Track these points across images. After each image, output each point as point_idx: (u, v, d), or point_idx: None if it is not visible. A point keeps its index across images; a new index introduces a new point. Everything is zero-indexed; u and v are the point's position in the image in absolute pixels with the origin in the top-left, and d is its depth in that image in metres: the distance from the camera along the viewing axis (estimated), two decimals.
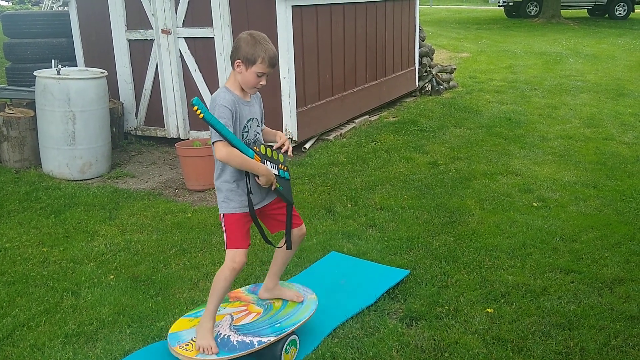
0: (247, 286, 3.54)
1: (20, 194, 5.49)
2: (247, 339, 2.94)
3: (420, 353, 3.07)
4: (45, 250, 4.38)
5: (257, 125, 3.03)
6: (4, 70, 8.83)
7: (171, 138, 7.04)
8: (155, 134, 7.19)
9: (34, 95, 6.18)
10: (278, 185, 3.01)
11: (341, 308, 3.49)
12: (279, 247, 3.24)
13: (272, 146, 3.10)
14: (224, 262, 2.96)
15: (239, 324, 3.09)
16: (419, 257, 4.14)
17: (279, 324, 3.07)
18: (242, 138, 2.91)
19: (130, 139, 7.34)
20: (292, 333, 3.04)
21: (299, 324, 3.08)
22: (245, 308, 3.26)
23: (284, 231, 3.15)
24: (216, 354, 2.86)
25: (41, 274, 4.00)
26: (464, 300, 3.57)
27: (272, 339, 2.94)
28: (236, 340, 2.94)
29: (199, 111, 2.71)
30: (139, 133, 7.30)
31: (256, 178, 2.93)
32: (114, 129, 6.84)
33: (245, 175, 2.93)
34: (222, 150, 2.79)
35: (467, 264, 4.03)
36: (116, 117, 6.95)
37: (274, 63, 2.88)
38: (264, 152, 2.98)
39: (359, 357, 3.04)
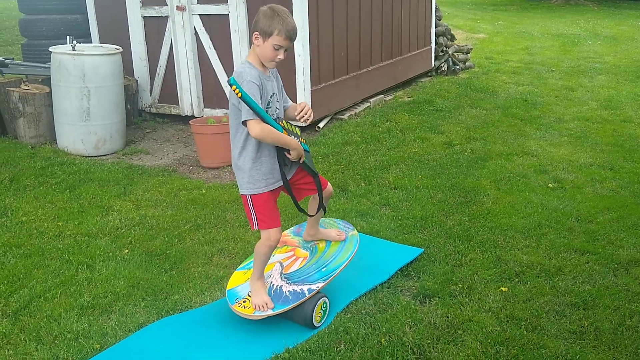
0: (292, 228, 3.75)
1: (36, 169, 5.52)
2: (298, 288, 3.12)
3: (433, 330, 3.07)
4: (60, 224, 4.41)
5: (277, 101, 3.05)
6: (19, 46, 8.86)
7: (185, 116, 7.05)
8: (169, 111, 7.20)
9: (49, 72, 6.19)
10: (304, 159, 3.07)
11: (354, 284, 3.49)
12: (311, 216, 3.38)
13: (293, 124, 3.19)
14: (260, 239, 3.08)
15: (288, 271, 3.29)
16: (432, 236, 4.13)
17: (325, 268, 3.27)
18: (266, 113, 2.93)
19: (145, 116, 7.35)
20: (328, 284, 3.21)
21: (343, 266, 3.29)
22: (292, 253, 3.45)
23: (309, 196, 3.31)
24: (272, 308, 3.03)
25: (57, 247, 4.04)
26: (478, 278, 3.56)
27: (320, 285, 3.13)
28: (288, 291, 3.12)
29: (237, 90, 2.72)
30: (154, 110, 7.31)
31: (286, 153, 2.97)
32: (129, 106, 6.85)
33: (275, 150, 2.97)
34: (256, 128, 2.81)
35: (481, 243, 4.01)
36: (131, 94, 6.96)
37: (291, 36, 2.86)
38: (286, 127, 3.03)
39: (371, 333, 3.04)
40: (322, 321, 3.15)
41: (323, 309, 3.15)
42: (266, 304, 3.03)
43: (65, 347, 2.98)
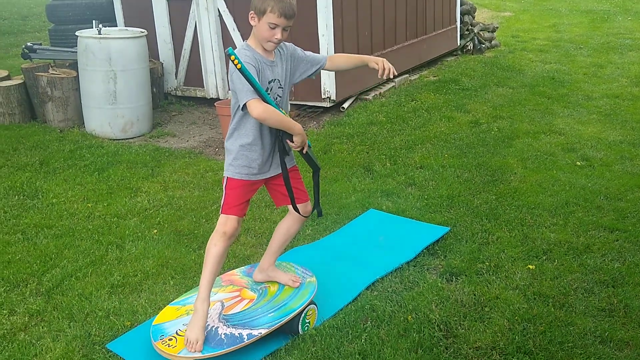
0: (243, 267, 3.39)
1: (65, 152, 5.61)
2: (237, 332, 2.77)
3: (460, 307, 3.07)
4: (90, 205, 4.49)
5: (279, 87, 2.79)
6: (47, 32, 8.96)
7: (210, 98, 7.08)
8: (194, 94, 7.23)
9: (76, 56, 6.26)
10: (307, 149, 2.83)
11: (380, 263, 3.50)
12: (302, 215, 3.00)
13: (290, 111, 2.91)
14: (214, 230, 2.83)
15: (229, 312, 2.92)
16: (459, 215, 4.11)
17: (273, 313, 2.88)
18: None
19: (171, 99, 7.40)
20: (290, 319, 2.88)
21: (293, 314, 2.88)
22: (237, 294, 3.08)
23: (288, 205, 2.98)
24: (199, 351, 2.69)
25: (87, 228, 4.11)
26: (505, 257, 3.54)
27: (264, 331, 2.78)
28: (224, 334, 2.77)
29: (236, 61, 2.53)
30: (179, 93, 7.35)
31: (287, 141, 2.74)
32: (154, 89, 6.90)
33: (273, 135, 2.77)
34: (258, 107, 2.58)
35: (508, 221, 3.98)
36: (156, 77, 7.00)
37: (286, 13, 2.62)
38: (283, 112, 2.77)
39: (398, 310, 3.05)
40: (309, 329, 2.94)
41: (306, 324, 2.94)
42: (197, 342, 2.69)
43: (96, 324, 3.05)
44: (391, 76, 2.93)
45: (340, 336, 2.88)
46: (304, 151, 2.83)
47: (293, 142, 2.75)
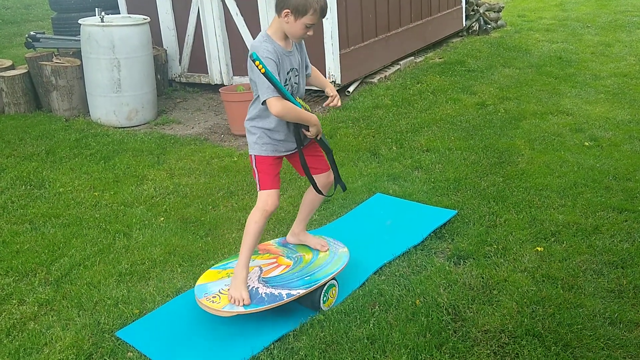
0: (278, 239, 3.51)
1: (71, 141, 5.61)
2: (276, 292, 2.90)
3: (468, 290, 3.06)
4: (96, 194, 4.49)
5: (296, 75, 2.93)
6: (50, 21, 8.94)
7: (215, 84, 7.05)
8: (199, 80, 7.21)
9: (79, 44, 6.24)
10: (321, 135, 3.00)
11: (387, 247, 3.49)
12: (329, 196, 3.26)
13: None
14: (254, 207, 2.95)
15: (267, 276, 3.05)
16: (466, 198, 4.09)
17: (308, 277, 3.01)
18: None
19: (175, 86, 7.38)
20: (325, 283, 2.99)
21: (329, 277, 3.00)
22: (274, 260, 3.22)
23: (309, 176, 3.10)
24: (245, 305, 2.82)
25: (94, 217, 4.12)
26: (513, 239, 3.53)
27: (302, 291, 2.89)
28: (264, 293, 2.90)
29: (260, 66, 2.63)
30: (183, 80, 7.33)
31: (303, 130, 2.90)
32: (159, 76, 6.88)
33: (289, 126, 2.90)
34: (277, 105, 2.71)
35: (516, 203, 3.96)
36: (160, 64, 6.98)
37: (325, 14, 2.77)
38: (303, 105, 2.92)
39: (406, 294, 3.05)
40: (332, 305, 3.02)
41: (326, 296, 3.00)
42: (243, 299, 2.84)
43: (105, 312, 3.06)
44: (338, 105, 3.10)
45: (348, 321, 2.88)
46: (319, 137, 2.98)
47: (309, 131, 2.90)
